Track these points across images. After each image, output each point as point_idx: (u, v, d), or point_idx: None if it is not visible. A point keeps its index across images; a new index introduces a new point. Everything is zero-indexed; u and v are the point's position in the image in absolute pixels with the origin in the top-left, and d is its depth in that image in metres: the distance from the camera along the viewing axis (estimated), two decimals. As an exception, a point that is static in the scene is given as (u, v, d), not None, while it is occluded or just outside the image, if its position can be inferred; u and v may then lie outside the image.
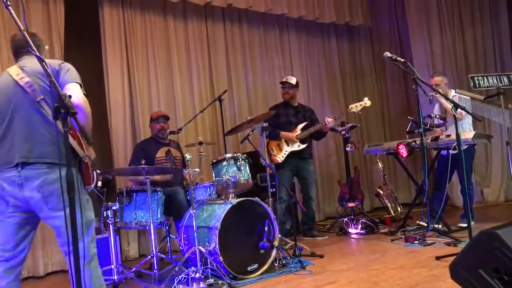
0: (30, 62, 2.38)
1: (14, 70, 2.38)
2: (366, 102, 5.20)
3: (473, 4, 7.31)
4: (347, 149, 5.71)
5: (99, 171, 3.89)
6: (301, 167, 5.30)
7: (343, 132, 5.67)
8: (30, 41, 2.24)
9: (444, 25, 7.24)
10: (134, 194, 3.98)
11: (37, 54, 1.92)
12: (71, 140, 2.17)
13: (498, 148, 6.96)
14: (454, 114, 3.59)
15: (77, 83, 2.36)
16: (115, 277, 3.81)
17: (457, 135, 3.58)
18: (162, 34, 5.84)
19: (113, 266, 3.83)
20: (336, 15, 7.15)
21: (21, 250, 2.41)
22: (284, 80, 5.41)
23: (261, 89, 6.64)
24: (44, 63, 1.94)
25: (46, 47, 2.62)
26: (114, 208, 3.88)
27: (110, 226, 3.87)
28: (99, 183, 3.94)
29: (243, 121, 4.50)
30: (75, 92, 2.25)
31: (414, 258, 3.84)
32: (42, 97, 2.26)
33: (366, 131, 7.83)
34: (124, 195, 3.93)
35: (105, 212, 3.86)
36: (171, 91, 5.83)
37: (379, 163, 6.26)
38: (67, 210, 2.24)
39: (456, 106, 3.61)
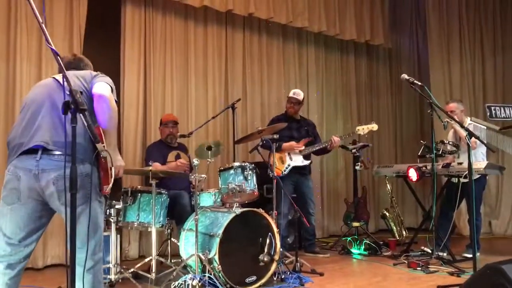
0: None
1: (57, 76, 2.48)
2: (374, 126, 5.21)
3: (495, 31, 7.23)
4: (357, 167, 5.67)
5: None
6: (301, 182, 5.25)
7: (354, 151, 5.64)
8: (77, 63, 2.64)
9: (464, 51, 7.15)
10: (139, 194, 3.97)
11: (63, 68, 1.95)
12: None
13: (510, 180, 6.85)
14: (467, 143, 3.54)
15: (107, 83, 2.41)
16: (113, 277, 3.79)
17: (469, 164, 3.52)
18: (182, 37, 5.85)
19: (111, 265, 3.81)
20: (357, 33, 7.12)
21: (27, 244, 2.29)
22: (292, 95, 5.35)
23: (276, 101, 6.60)
24: (65, 76, 1.95)
25: (83, 65, 2.75)
26: (117, 206, 3.86)
27: (112, 224, 3.85)
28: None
29: (254, 130, 4.49)
30: (102, 89, 2.33)
31: (415, 285, 3.77)
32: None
33: (377, 151, 7.75)
34: (129, 194, 3.92)
35: (108, 210, 3.83)
36: (185, 94, 5.83)
37: (388, 185, 6.18)
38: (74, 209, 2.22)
39: (470, 134, 3.56)
